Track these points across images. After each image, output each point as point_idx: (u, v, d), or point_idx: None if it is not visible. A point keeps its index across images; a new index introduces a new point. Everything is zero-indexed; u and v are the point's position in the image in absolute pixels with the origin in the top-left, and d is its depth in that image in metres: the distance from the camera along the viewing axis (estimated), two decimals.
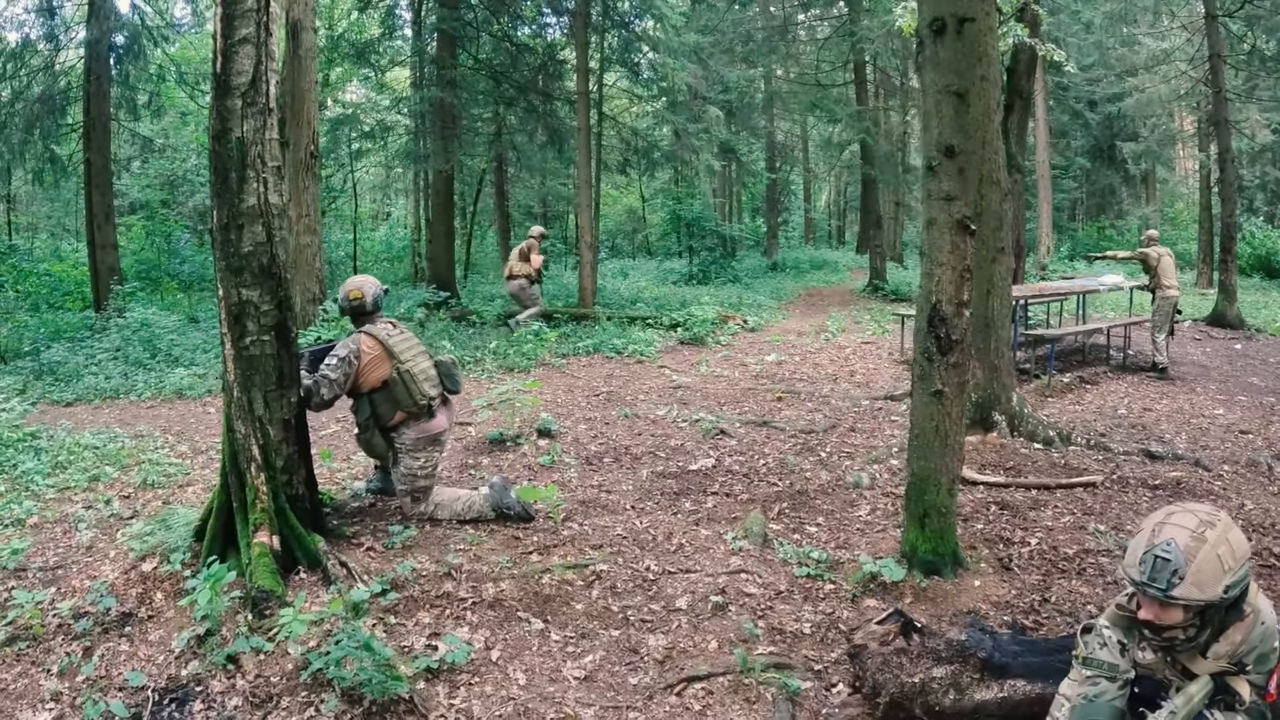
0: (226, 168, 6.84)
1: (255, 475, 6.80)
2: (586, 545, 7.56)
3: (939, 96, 6.64)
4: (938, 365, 6.66)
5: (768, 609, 6.44)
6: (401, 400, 7.82)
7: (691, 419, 12.01)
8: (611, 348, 18.39)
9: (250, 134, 6.87)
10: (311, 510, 7.44)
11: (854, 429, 11.42)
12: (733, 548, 7.52)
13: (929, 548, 6.79)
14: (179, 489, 9.70)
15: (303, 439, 7.44)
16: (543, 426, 11.37)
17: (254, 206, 6.91)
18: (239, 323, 6.91)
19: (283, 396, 7.14)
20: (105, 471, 10.22)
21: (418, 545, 7.47)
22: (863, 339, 20.11)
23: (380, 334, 7.96)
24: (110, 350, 18.21)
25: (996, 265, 10.96)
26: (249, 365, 6.95)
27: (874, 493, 8.92)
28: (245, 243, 6.90)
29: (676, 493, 9.05)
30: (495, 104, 28.76)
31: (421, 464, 8.03)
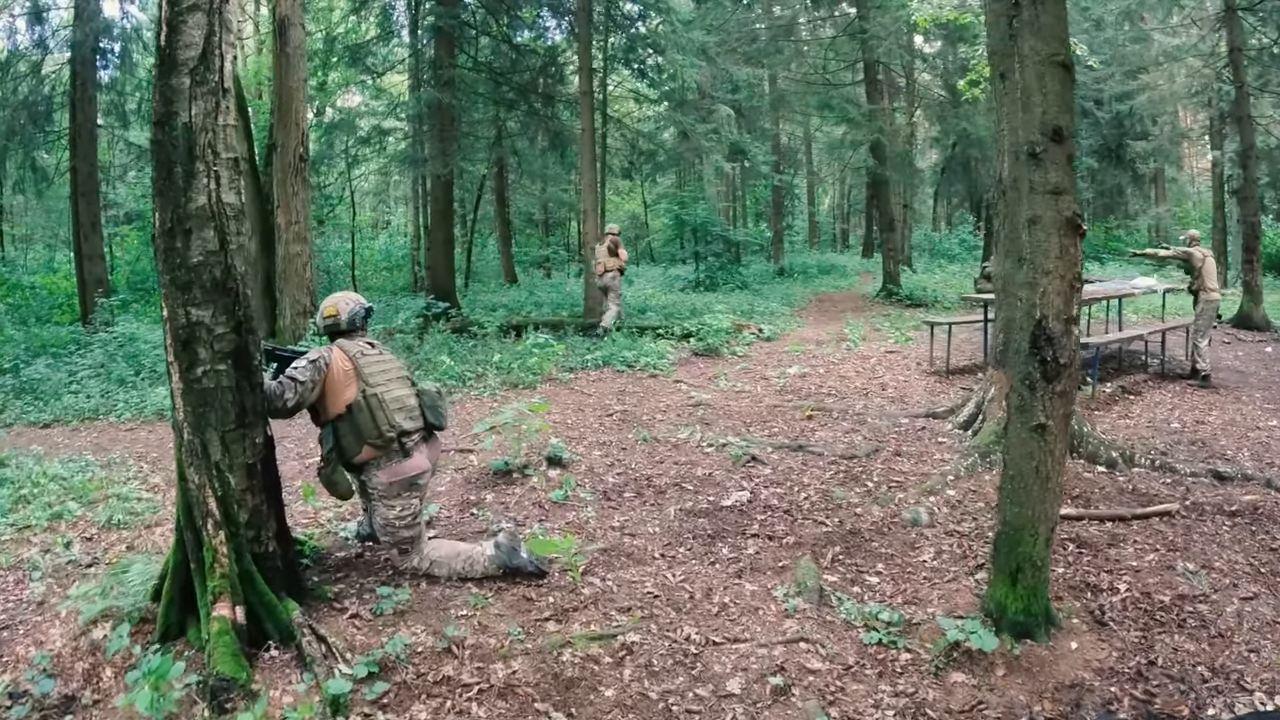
0: (170, 160, 5.71)
1: (213, 533, 5.69)
2: (612, 607, 6.42)
3: (1041, 68, 5.66)
4: (1041, 394, 5.66)
5: (838, 691, 5.33)
6: (365, 430, 6.67)
7: (718, 443, 10.91)
8: (622, 360, 17.34)
9: (200, 118, 5.74)
10: (285, 569, 6.29)
11: (899, 453, 10.34)
12: (786, 607, 6.39)
13: (1020, 607, 5.83)
14: (145, 530, 8.66)
15: (272, 485, 6.31)
16: (553, 454, 10.23)
17: (204, 207, 5.80)
18: (188, 349, 5.81)
19: (244, 437, 6.01)
20: (69, 508, 9.23)
21: (412, 609, 6.33)
22: (885, 348, 19.16)
23: (352, 350, 6.91)
24: (93, 367, 17.48)
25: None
26: (201, 400, 5.84)
27: (935, 532, 7.89)
28: (194, 251, 5.79)
29: (711, 535, 7.93)
30: (495, 106, 28.05)
31: (398, 512, 6.88)
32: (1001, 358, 10.34)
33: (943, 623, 5.85)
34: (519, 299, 29.24)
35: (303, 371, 6.53)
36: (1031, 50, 5.70)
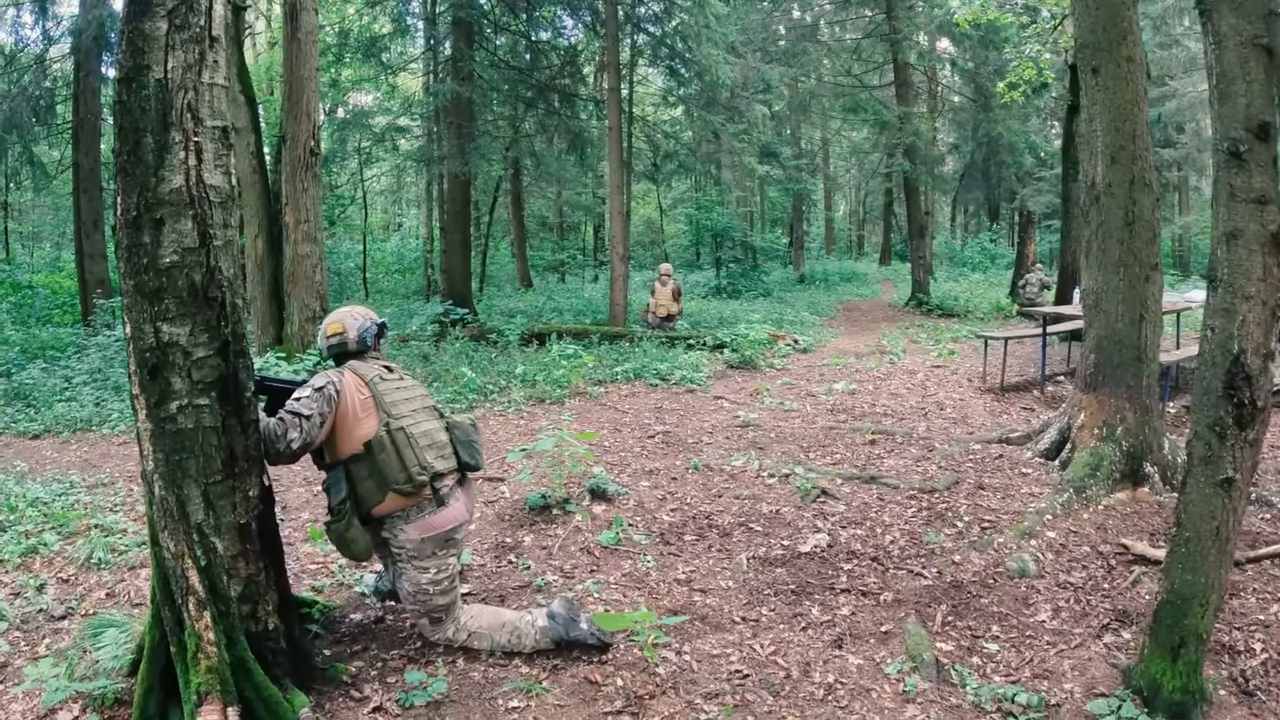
0: (138, 128, 4.45)
1: (195, 614, 4.45)
2: (696, 692, 5.21)
3: (1244, 51, 4.57)
4: (1232, 444, 4.68)
5: None
6: (390, 474, 5.40)
7: (779, 473, 9.72)
8: (655, 373, 16.33)
9: (178, 74, 4.47)
10: (289, 648, 5.03)
11: (982, 486, 9.19)
12: (903, 688, 5.28)
13: (1177, 685, 4.91)
14: (129, 572, 7.48)
15: (271, 548, 5.07)
16: (596, 486, 9.00)
17: (180, 190, 4.53)
18: (158, 378, 4.60)
19: (235, 490, 4.80)
20: (46, 541, 8.09)
21: (449, 699, 5.11)
22: (930, 362, 18.12)
23: (368, 374, 5.65)
24: (89, 372, 16.73)
25: (1150, 285, 9.15)
26: (177, 445, 4.62)
27: (1046, 584, 6.82)
28: (166, 248, 4.55)
29: (794, 591, 6.73)
30: (512, 105, 27.41)
31: (433, 576, 5.60)
32: (1093, 381, 9.33)
33: (1093, 708, 4.94)
34: (536, 305, 28.57)
35: (308, 404, 5.31)
36: (1232, 30, 4.59)
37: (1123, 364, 9.10)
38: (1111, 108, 9.04)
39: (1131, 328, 9.11)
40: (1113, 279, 9.12)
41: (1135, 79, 9.08)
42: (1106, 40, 9.07)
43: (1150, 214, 9.10)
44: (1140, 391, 9.09)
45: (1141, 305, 9.10)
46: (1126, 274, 9.03)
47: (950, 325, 24.60)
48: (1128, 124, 8.99)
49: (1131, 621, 5.98)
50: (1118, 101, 9.01)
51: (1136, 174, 9.02)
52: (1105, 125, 9.10)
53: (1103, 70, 9.11)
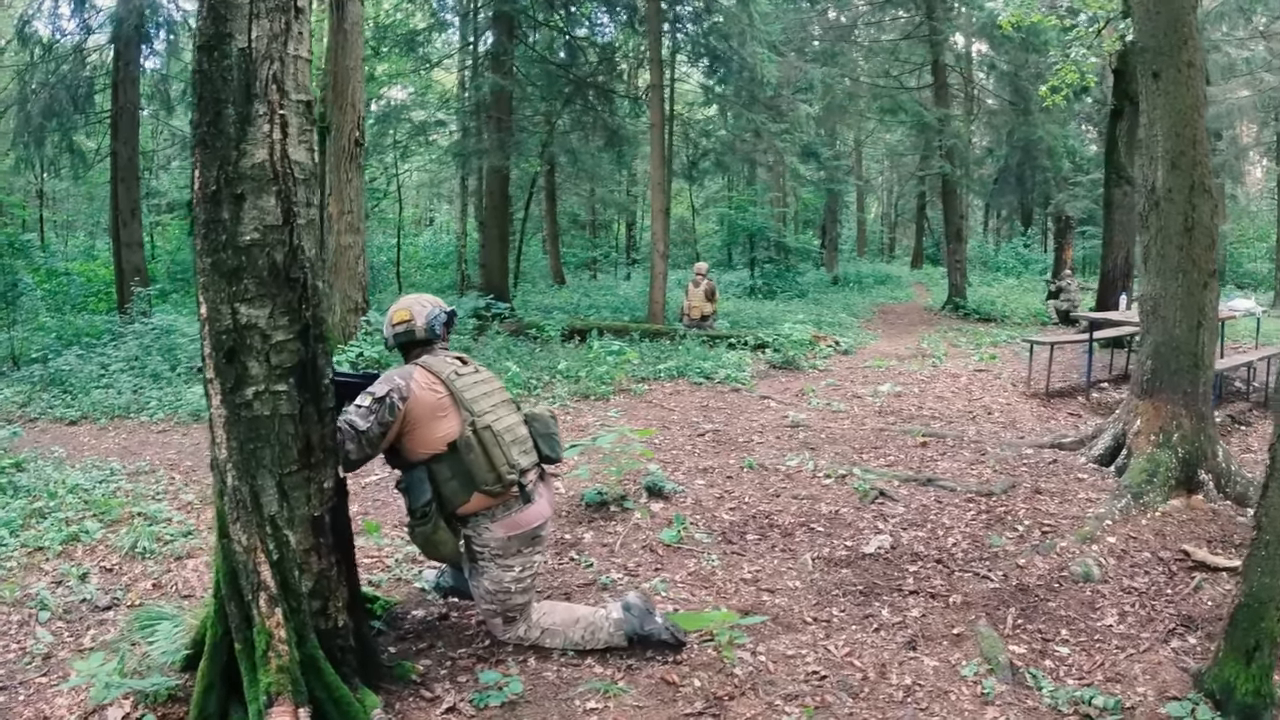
0: (220, 98, 4.29)
1: (266, 611, 4.32)
2: (775, 694, 5.11)
3: None
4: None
5: None
6: (479, 474, 5.24)
7: (835, 473, 9.64)
8: (698, 371, 16.25)
9: (263, 44, 4.30)
10: (357, 645, 4.89)
11: (1038, 490, 9.07)
12: (981, 690, 5.20)
13: (1251, 688, 4.94)
14: (175, 563, 7.43)
15: (342, 542, 4.94)
16: (652, 483, 8.92)
17: (264, 165, 4.37)
18: (234, 362, 4.43)
19: (309, 481, 4.65)
20: (88, 529, 8.01)
21: (525, 700, 4.98)
22: (972, 366, 17.96)
23: (443, 370, 5.45)
24: (126, 359, 16.76)
25: (1207, 292, 9.02)
26: (253, 434, 4.47)
27: (1110, 588, 6.75)
28: (247, 225, 4.39)
29: (862, 592, 6.65)
30: (551, 101, 27.30)
31: (517, 574, 5.48)
32: (1149, 387, 9.22)
33: (1169, 710, 4.94)
34: (571, 301, 28.64)
35: (366, 416, 5.10)
36: None
37: (1179, 370, 9.00)
38: (1172, 113, 8.91)
39: (1189, 334, 9.01)
40: (1171, 285, 9.01)
41: (1195, 84, 8.95)
42: (1168, 45, 8.94)
43: (1209, 220, 8.99)
44: (1196, 398, 9.01)
45: (1199, 312, 9.01)
46: (1185, 280, 8.93)
47: (989, 330, 24.53)
48: (1188, 129, 8.85)
49: (1196, 627, 5.95)
50: (1178, 107, 8.88)
51: (1196, 179, 8.89)
52: (1166, 130, 8.96)
53: (1164, 75, 8.98)
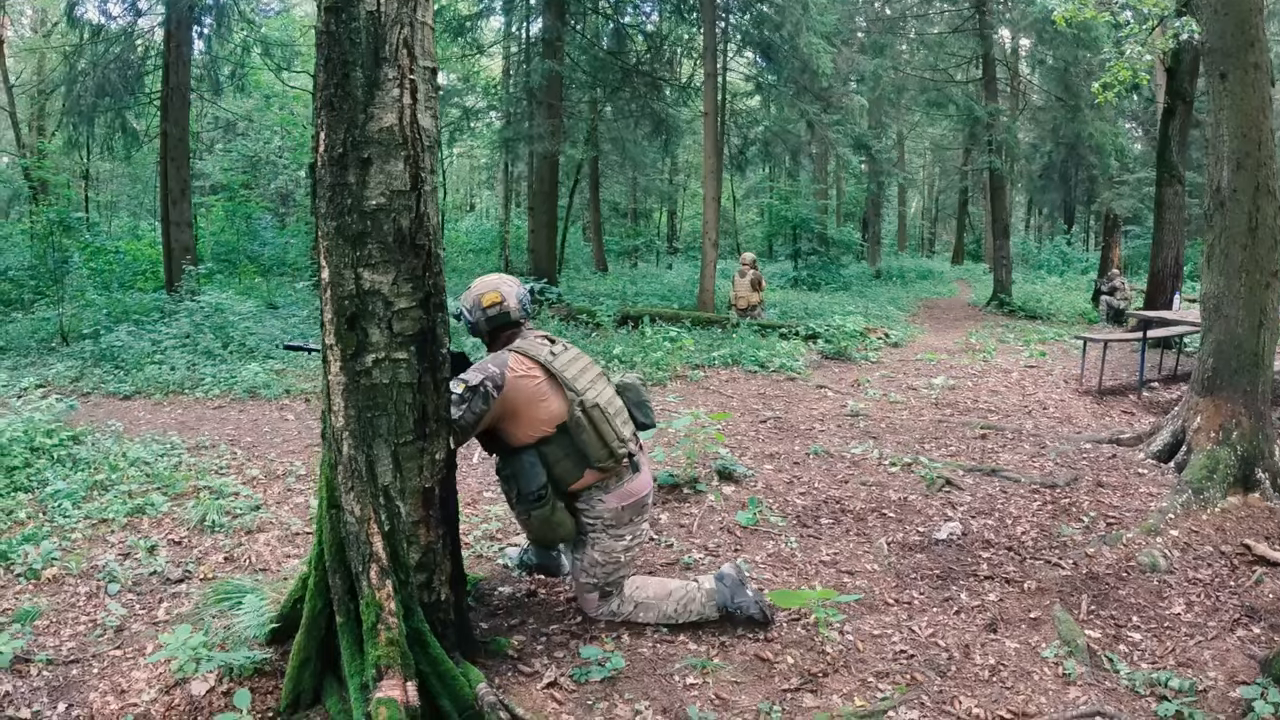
0: (347, 60, 4.23)
1: (377, 583, 4.29)
2: (867, 671, 5.19)
3: None
4: None
5: None
6: (593, 452, 5.28)
7: (900, 462, 9.76)
8: (753, 360, 16.32)
9: (392, 8, 4.25)
10: (457, 622, 4.88)
11: (1100, 483, 9.13)
12: (1062, 671, 5.29)
13: None
14: (246, 536, 7.42)
15: (450, 516, 4.88)
16: (723, 467, 9.00)
17: (392, 129, 4.34)
18: (355, 328, 4.37)
19: (423, 453, 4.62)
20: (153, 501, 7.98)
21: (624, 676, 5.01)
22: (1023, 362, 17.97)
23: (538, 353, 5.41)
24: (178, 337, 16.87)
25: (1270, 292, 9.03)
26: (371, 402, 4.43)
27: (1176, 579, 6.81)
28: (373, 190, 4.35)
29: (939, 576, 6.74)
30: (595, 89, 27.59)
31: (628, 543, 5.54)
32: (1210, 384, 9.23)
33: (1245, 693, 5.00)
34: (616, 288, 28.58)
35: (459, 404, 5.08)
36: None
37: (1240, 369, 9.03)
38: (1238, 114, 8.91)
39: (1251, 333, 9.03)
40: (1234, 284, 9.02)
41: (1261, 86, 8.96)
42: (1234, 46, 8.95)
43: (1273, 220, 8.98)
44: (1255, 397, 9.03)
45: (1261, 311, 9.03)
46: (1248, 280, 8.93)
47: (1035, 327, 24.43)
48: (1253, 130, 8.86)
49: (1260, 618, 6.02)
50: (1244, 108, 8.89)
51: (1261, 180, 8.89)
52: (1232, 131, 8.97)
53: (1230, 76, 8.98)
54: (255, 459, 9.82)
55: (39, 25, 44.50)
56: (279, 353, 16.23)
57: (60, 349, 16.87)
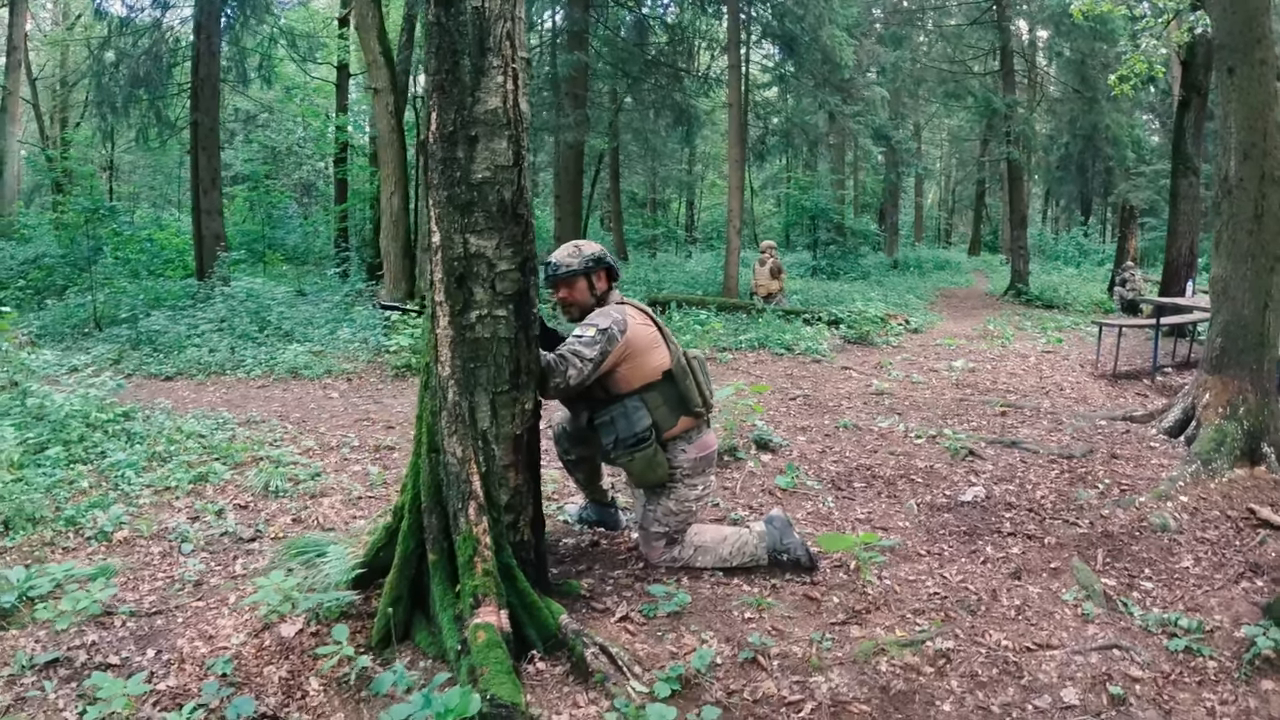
0: (456, 49, 4.74)
1: (474, 519, 4.77)
2: (905, 609, 5.72)
3: None
4: None
5: (1170, 700, 4.83)
6: (691, 398, 5.88)
7: (925, 434, 10.29)
8: (779, 343, 16.84)
9: (495, 3, 4.77)
10: (536, 561, 5.35)
11: (1114, 455, 9.63)
12: (1081, 611, 5.80)
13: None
14: (311, 500, 7.80)
15: (533, 462, 5.36)
16: (760, 437, 9.54)
17: (496, 111, 4.85)
18: (463, 287, 4.86)
19: (516, 402, 5.09)
20: (215, 469, 8.36)
21: (688, 612, 5.48)
22: (1040, 347, 18.41)
23: (645, 309, 6.08)
24: (214, 321, 17.23)
25: (1275, 275, 9.43)
26: (474, 354, 4.91)
27: (1185, 538, 7.29)
28: (479, 164, 4.84)
29: (965, 532, 7.27)
30: (617, 80, 27.86)
31: (699, 492, 6.08)
32: (1218, 363, 9.66)
33: (1248, 631, 5.46)
34: (639, 276, 28.96)
35: (591, 345, 5.56)
36: None
37: (1246, 348, 9.43)
38: (1245, 107, 9.31)
39: (1256, 315, 9.42)
40: (1241, 268, 9.42)
41: (1267, 81, 9.33)
42: (1242, 43, 9.34)
43: (1278, 208, 9.35)
44: (1261, 375, 9.42)
45: (1266, 294, 9.40)
46: (1254, 264, 9.32)
47: (1052, 316, 24.84)
48: (1259, 123, 9.25)
49: (1263, 573, 6.42)
50: (1251, 102, 9.28)
51: (1267, 170, 9.27)
52: (1239, 124, 9.37)
53: (1238, 71, 9.37)
54: (307, 432, 10.15)
55: (60, 19, 44.96)
56: (316, 335, 16.62)
57: (95, 334, 17.23)
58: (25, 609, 5.41)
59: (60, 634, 5.13)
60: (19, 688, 4.56)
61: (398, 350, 14.62)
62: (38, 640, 5.07)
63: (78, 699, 4.46)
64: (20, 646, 4.97)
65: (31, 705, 4.42)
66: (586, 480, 6.66)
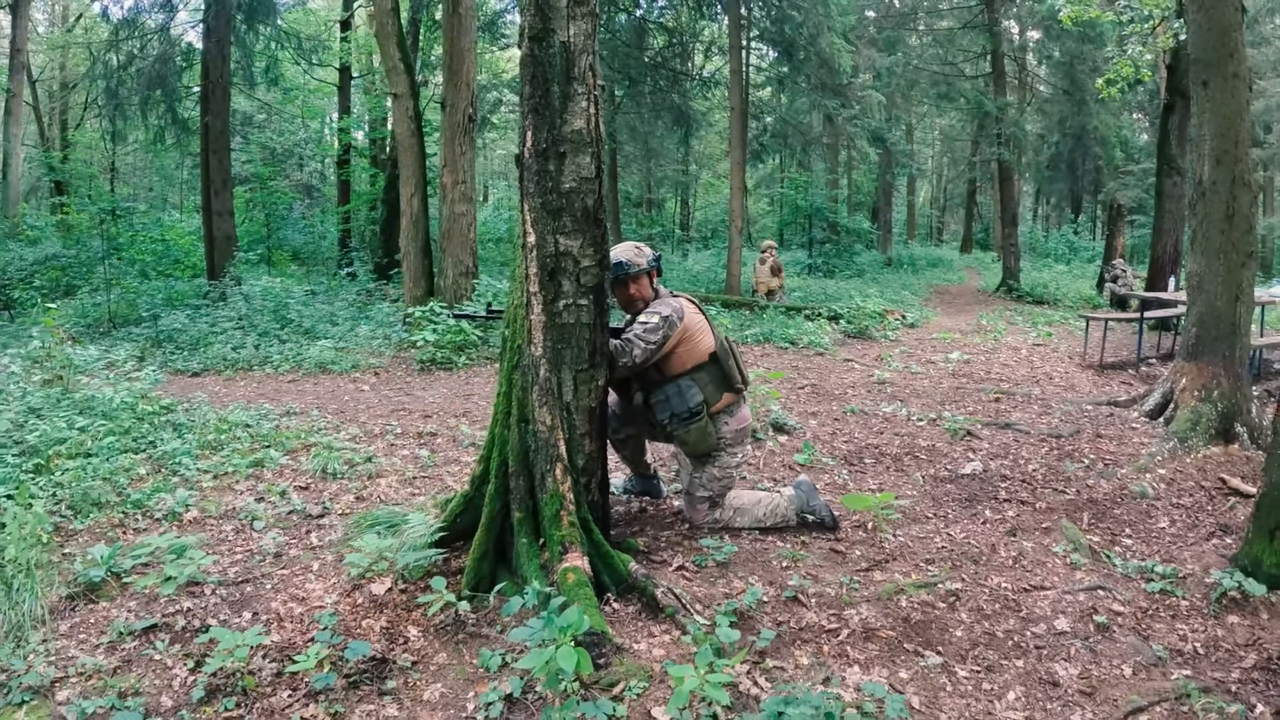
0: (547, 78, 5.56)
1: (561, 479, 5.58)
2: (918, 559, 6.58)
3: None
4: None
5: (1148, 628, 5.65)
6: (732, 377, 6.70)
7: (926, 418, 11.17)
8: (783, 337, 17.68)
9: (579, 39, 5.60)
10: (603, 520, 6.15)
11: (1099, 435, 10.48)
12: (1070, 561, 6.64)
13: (1274, 561, 6.14)
14: (369, 480, 8.38)
15: (603, 431, 6.20)
16: (777, 421, 10.42)
17: (582, 131, 5.65)
18: (554, 280, 5.68)
19: (592, 379, 5.93)
20: (270, 455, 8.88)
21: (734, 563, 6.33)
22: (1031, 341, 19.17)
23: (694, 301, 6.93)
24: (234, 319, 17.71)
25: (1245, 270, 10.22)
26: (561, 337, 5.73)
27: (1162, 504, 8.10)
28: (567, 176, 5.64)
29: (966, 499, 8.13)
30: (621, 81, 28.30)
31: (739, 460, 6.92)
32: (1194, 350, 10.43)
33: (1216, 574, 6.20)
34: None
35: (654, 330, 6.39)
36: None
37: (1219, 337, 10.18)
38: (1218, 116, 10.06)
39: (1228, 306, 10.16)
40: (1214, 264, 10.16)
41: (1239, 92, 10.07)
42: (1216, 58, 10.07)
43: (1248, 209, 10.10)
44: (1234, 362, 10.17)
45: (1237, 287, 10.14)
46: (1226, 260, 10.07)
47: (1043, 311, 25.54)
48: (1231, 131, 9.99)
49: (1232, 532, 7.17)
50: (1223, 111, 10.02)
51: (1237, 174, 10.00)
52: (1212, 131, 10.10)
53: (1211, 84, 10.11)
54: (348, 422, 10.63)
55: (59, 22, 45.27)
56: (336, 331, 17.23)
57: (112, 333, 17.57)
58: (113, 582, 5.89)
59: (153, 603, 5.63)
60: (121, 652, 5.07)
61: (423, 345, 15.23)
62: (129, 610, 5.54)
63: (184, 658, 4.97)
64: (114, 616, 5.44)
65: (140, 665, 4.93)
66: (632, 456, 7.49)
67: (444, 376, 14.40)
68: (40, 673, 4.69)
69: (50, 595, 5.62)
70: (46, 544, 6.15)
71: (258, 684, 4.64)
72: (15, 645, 5.02)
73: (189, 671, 4.82)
